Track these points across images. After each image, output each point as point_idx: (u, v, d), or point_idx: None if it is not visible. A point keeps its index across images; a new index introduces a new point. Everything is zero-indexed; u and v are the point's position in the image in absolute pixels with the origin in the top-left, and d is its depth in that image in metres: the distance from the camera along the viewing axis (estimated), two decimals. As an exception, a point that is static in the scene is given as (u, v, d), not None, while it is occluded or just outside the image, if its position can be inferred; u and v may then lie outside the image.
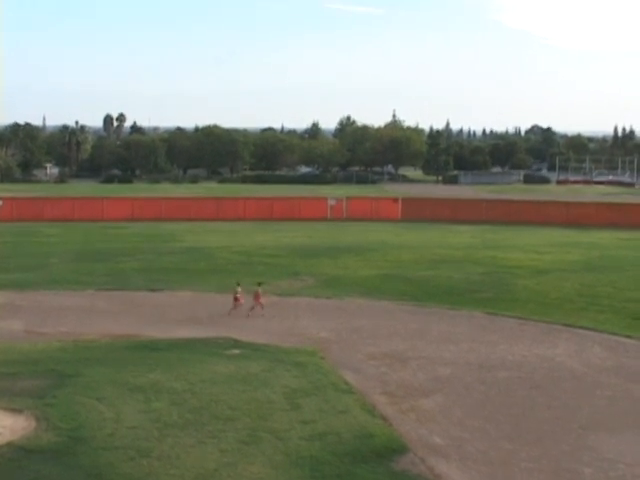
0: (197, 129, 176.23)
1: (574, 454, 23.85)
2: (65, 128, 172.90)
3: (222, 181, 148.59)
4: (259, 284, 41.48)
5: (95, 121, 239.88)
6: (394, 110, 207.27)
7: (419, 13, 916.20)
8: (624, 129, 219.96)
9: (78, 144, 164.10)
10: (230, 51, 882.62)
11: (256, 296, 40.39)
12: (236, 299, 40.49)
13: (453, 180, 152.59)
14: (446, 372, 31.88)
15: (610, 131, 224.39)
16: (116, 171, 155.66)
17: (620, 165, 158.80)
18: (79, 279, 50.37)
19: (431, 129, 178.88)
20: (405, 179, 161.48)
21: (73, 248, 64.41)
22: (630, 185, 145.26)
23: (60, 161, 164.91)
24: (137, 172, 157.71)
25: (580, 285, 49.98)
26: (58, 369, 30.67)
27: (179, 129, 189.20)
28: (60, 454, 22.93)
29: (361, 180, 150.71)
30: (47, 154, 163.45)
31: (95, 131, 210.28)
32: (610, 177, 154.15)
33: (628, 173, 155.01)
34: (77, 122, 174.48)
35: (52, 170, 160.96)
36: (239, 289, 40.52)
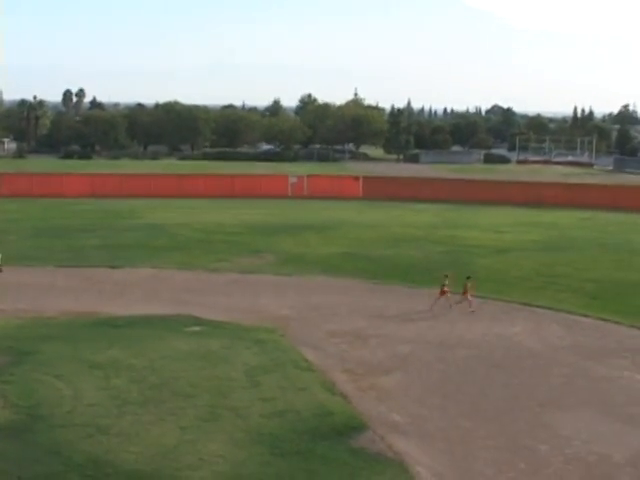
0: (158, 105, 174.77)
1: (531, 432, 24.15)
2: (23, 102, 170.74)
3: (183, 158, 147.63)
4: (468, 278, 39.15)
5: (54, 96, 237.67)
6: (355, 88, 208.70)
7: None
8: (583, 110, 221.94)
9: (37, 119, 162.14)
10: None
11: (465, 290, 38.55)
12: (443, 292, 38.58)
13: (414, 159, 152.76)
14: (405, 350, 32.07)
15: (570, 112, 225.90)
16: (75, 147, 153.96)
17: (579, 146, 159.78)
18: (38, 255, 49.95)
19: (392, 108, 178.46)
20: (366, 157, 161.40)
21: (32, 224, 63.78)
22: (589, 165, 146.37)
23: (18, 136, 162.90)
24: (97, 148, 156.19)
25: (539, 265, 50.43)
26: (16, 346, 30.45)
27: (139, 105, 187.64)
28: (18, 432, 22.81)
29: (322, 158, 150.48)
30: (4, 129, 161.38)
31: (54, 106, 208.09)
32: (569, 157, 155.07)
33: (587, 153, 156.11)
34: (35, 97, 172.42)
35: (10, 145, 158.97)
36: (447, 281, 38.60)
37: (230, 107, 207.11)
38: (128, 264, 47.91)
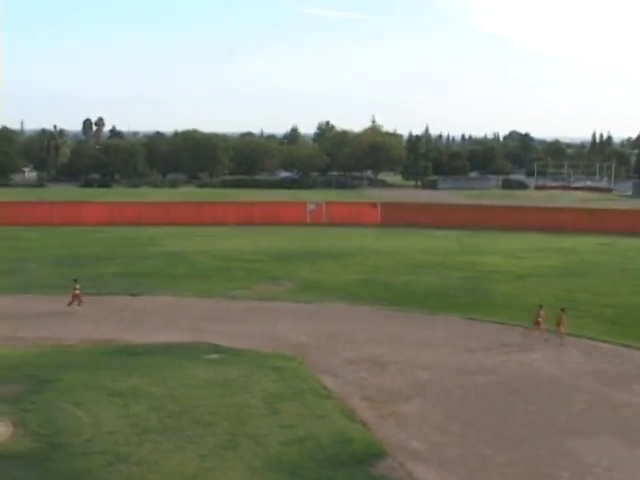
0: (176, 134, 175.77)
1: (552, 458, 23.99)
2: (44, 132, 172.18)
3: (201, 185, 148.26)
4: (562, 310, 38.38)
5: (74, 125, 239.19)
6: (373, 115, 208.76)
7: (398, 18, 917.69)
8: (602, 135, 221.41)
9: (57, 148, 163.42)
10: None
11: (558, 322, 37.71)
12: (537, 323, 38.15)
13: (432, 185, 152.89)
14: (425, 377, 31.97)
15: (588, 137, 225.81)
16: (95, 175, 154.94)
17: (598, 171, 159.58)
18: (58, 284, 50.08)
19: (410, 134, 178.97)
20: (384, 184, 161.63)
21: (52, 253, 64.10)
22: (607, 190, 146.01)
23: (39, 165, 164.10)
24: (116, 176, 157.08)
25: (558, 290, 50.21)
26: (36, 374, 30.54)
27: (158, 134, 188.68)
28: (38, 460, 22.85)
29: (340, 185, 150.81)
30: (25, 158, 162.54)
31: (74, 135, 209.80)
32: (588, 183, 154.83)
33: (605, 179, 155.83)
34: (55, 126, 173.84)
35: (30, 174, 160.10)
36: (542, 313, 38.12)
37: (248, 135, 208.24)
38: (148, 292, 48.04)
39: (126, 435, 24.69)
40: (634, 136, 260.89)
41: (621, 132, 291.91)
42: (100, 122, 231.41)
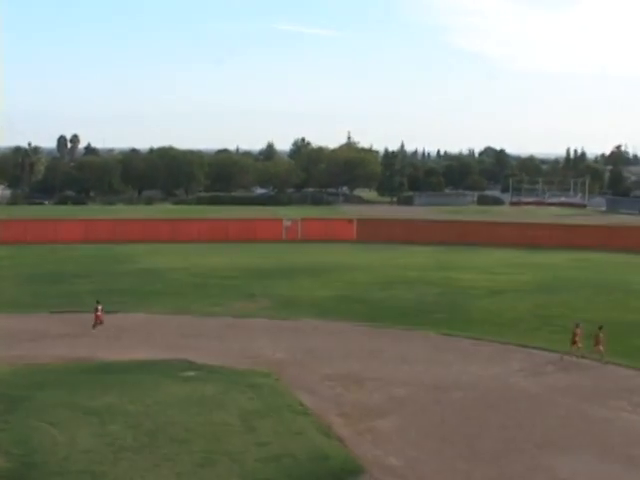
0: (152, 150, 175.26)
1: (528, 474, 24.03)
2: (18, 149, 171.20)
3: (177, 202, 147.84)
4: (600, 328, 37.80)
5: (49, 142, 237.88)
6: (349, 132, 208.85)
7: (374, 35, 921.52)
8: (576, 151, 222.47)
9: (31, 165, 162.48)
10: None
11: (596, 340, 37.28)
12: (574, 342, 37.14)
13: (408, 201, 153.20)
14: (401, 393, 31.97)
15: (562, 153, 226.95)
16: (70, 192, 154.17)
17: (572, 187, 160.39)
18: (32, 301, 49.84)
19: (386, 150, 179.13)
20: (360, 200, 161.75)
21: (26, 271, 63.69)
22: (581, 206, 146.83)
23: (13, 183, 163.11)
24: (91, 193, 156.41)
25: (534, 305, 50.42)
26: (10, 393, 30.29)
27: (134, 150, 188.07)
28: None
29: (316, 201, 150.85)
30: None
31: (48, 152, 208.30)
32: (562, 198, 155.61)
33: (580, 195, 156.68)
34: (30, 143, 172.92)
35: (4, 192, 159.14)
36: (579, 331, 37.40)
37: (224, 151, 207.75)
38: (123, 309, 47.79)
39: (102, 454, 24.51)
40: (607, 152, 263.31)
41: (595, 148, 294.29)
42: (75, 139, 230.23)
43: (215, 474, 23.18)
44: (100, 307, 42.20)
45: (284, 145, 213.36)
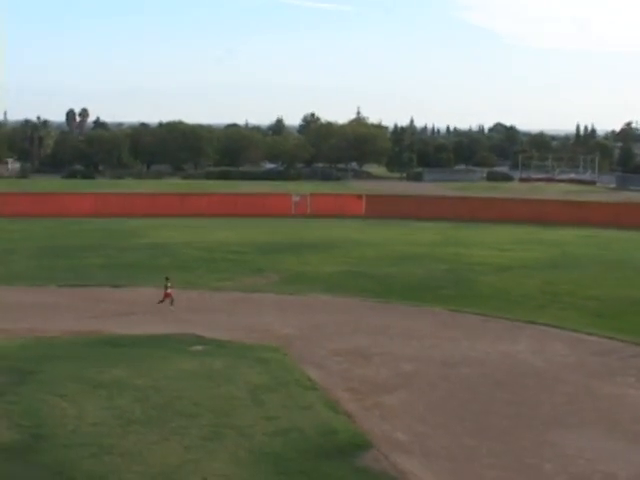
0: (161, 125, 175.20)
1: (535, 450, 24.08)
2: (27, 123, 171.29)
3: (186, 177, 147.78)
4: None
5: (58, 116, 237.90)
6: (358, 107, 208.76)
7: (381, 9, 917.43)
8: (586, 128, 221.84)
9: (40, 139, 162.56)
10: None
11: None
12: None
13: (417, 177, 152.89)
14: (409, 368, 32.03)
15: (572, 130, 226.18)
16: (79, 166, 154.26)
17: (582, 163, 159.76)
18: (41, 275, 49.99)
19: (395, 126, 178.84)
20: (369, 176, 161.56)
21: (35, 244, 63.84)
22: (591, 183, 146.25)
23: (22, 156, 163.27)
24: (100, 168, 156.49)
25: (542, 282, 50.37)
26: (19, 366, 30.42)
27: (143, 125, 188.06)
28: (22, 452, 22.77)
29: (325, 177, 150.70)
30: (8, 149, 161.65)
31: (58, 126, 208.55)
32: (572, 175, 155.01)
33: (589, 171, 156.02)
34: (39, 117, 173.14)
35: (14, 165, 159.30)
36: None
37: (233, 126, 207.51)
38: (131, 283, 47.94)
39: (110, 426, 24.64)
40: (618, 129, 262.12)
41: (605, 125, 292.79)
42: (84, 113, 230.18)
43: (223, 447, 23.28)
44: (169, 284, 41.59)
45: (293, 120, 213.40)
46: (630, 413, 27.58)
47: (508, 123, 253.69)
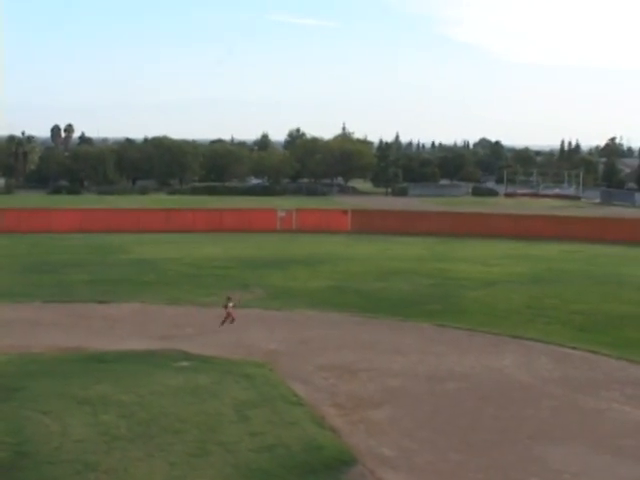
0: (146, 140, 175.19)
1: (521, 464, 24.08)
2: (12, 138, 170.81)
3: (171, 192, 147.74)
4: None
5: (43, 132, 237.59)
6: (344, 123, 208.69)
7: (368, 26, 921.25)
8: (570, 143, 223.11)
9: (25, 155, 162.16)
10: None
11: None
12: None
13: (402, 192, 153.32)
14: (395, 383, 31.99)
15: (557, 145, 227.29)
16: (64, 182, 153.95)
17: (566, 178, 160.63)
18: (25, 291, 49.75)
19: (380, 141, 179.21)
20: (355, 191, 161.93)
21: (19, 260, 63.58)
22: (576, 198, 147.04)
23: (7, 172, 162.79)
24: (85, 183, 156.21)
25: (528, 297, 50.48)
26: (3, 383, 30.21)
27: (128, 140, 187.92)
28: (5, 469, 22.60)
29: (311, 192, 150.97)
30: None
31: (42, 142, 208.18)
32: (557, 190, 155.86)
33: (574, 187, 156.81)
34: (24, 132, 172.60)
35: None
36: None
37: (219, 141, 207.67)
38: (117, 299, 47.77)
39: (95, 443, 24.50)
40: (602, 144, 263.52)
41: (589, 140, 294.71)
42: (69, 128, 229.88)
43: (208, 464, 23.18)
44: (231, 304, 40.44)
45: (279, 136, 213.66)
46: (615, 427, 27.62)
47: (493, 138, 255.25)
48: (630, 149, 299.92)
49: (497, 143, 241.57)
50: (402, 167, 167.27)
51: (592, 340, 39.47)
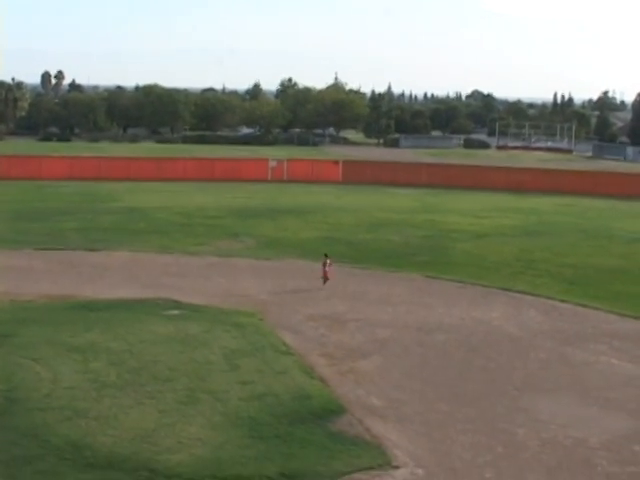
0: (137, 88, 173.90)
1: (509, 415, 24.28)
2: (1, 84, 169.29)
3: (162, 141, 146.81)
4: None
5: (33, 78, 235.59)
6: (336, 73, 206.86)
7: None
8: (563, 96, 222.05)
9: (15, 101, 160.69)
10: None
11: None
12: None
13: (394, 143, 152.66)
14: (384, 334, 32.13)
15: (550, 98, 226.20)
16: (54, 129, 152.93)
17: (559, 132, 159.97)
18: (16, 238, 49.63)
19: (373, 92, 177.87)
20: (346, 142, 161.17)
21: (10, 207, 63.33)
22: (568, 152, 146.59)
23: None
24: (76, 130, 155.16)
25: (518, 250, 50.61)
26: (-6, 329, 30.27)
27: (119, 88, 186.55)
28: (-4, 414, 22.70)
29: (302, 142, 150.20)
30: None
31: (33, 88, 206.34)
32: (549, 143, 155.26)
33: (566, 140, 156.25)
34: (14, 79, 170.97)
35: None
36: None
37: (210, 90, 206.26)
38: (107, 247, 47.74)
39: (85, 390, 24.61)
40: (595, 97, 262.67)
41: (582, 93, 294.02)
42: (59, 75, 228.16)
43: (198, 412, 23.32)
44: (329, 261, 39.41)
45: (271, 85, 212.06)
46: (602, 380, 27.84)
47: (486, 90, 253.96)
48: (623, 102, 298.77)
49: (489, 95, 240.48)
50: (394, 118, 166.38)
51: (581, 293, 39.68)
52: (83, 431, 21.75)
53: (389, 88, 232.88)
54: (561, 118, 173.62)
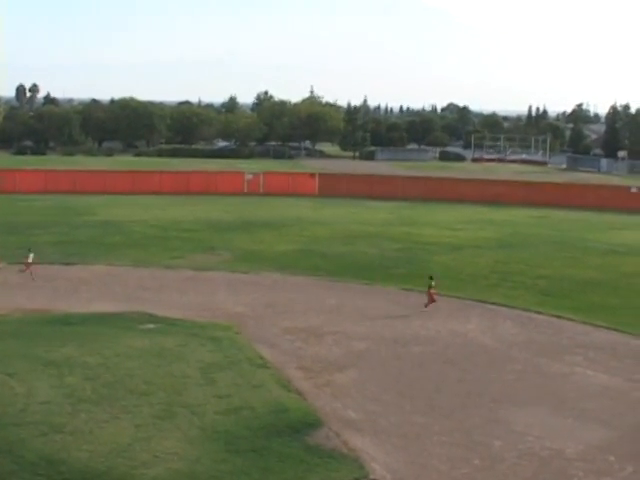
0: (113, 101, 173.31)
1: (485, 427, 24.34)
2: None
3: (138, 154, 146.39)
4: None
5: (7, 91, 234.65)
6: (312, 86, 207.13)
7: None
8: (537, 109, 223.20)
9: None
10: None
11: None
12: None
13: (370, 156, 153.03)
14: (361, 347, 32.16)
15: (525, 111, 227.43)
16: (29, 143, 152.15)
17: (533, 144, 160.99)
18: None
19: (349, 105, 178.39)
20: (322, 154, 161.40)
21: (-16, 221, 62.91)
22: (542, 164, 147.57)
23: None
24: (51, 144, 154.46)
25: (493, 262, 50.82)
26: (-32, 344, 30.04)
27: (94, 101, 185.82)
28: (-30, 430, 22.51)
29: (278, 155, 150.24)
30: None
31: (7, 101, 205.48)
32: (523, 156, 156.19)
33: (541, 152, 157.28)
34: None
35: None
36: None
37: (186, 103, 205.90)
38: (82, 261, 47.54)
39: (60, 405, 24.46)
40: (569, 110, 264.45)
41: (556, 106, 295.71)
42: (34, 88, 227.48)
43: (174, 426, 23.23)
44: (433, 283, 38.52)
45: (247, 98, 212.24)
46: (577, 391, 27.98)
47: (461, 103, 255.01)
48: (597, 115, 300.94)
49: (465, 108, 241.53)
50: (370, 131, 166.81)
51: (556, 305, 39.88)
52: (58, 446, 21.61)
53: (365, 101, 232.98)
54: (536, 131, 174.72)
